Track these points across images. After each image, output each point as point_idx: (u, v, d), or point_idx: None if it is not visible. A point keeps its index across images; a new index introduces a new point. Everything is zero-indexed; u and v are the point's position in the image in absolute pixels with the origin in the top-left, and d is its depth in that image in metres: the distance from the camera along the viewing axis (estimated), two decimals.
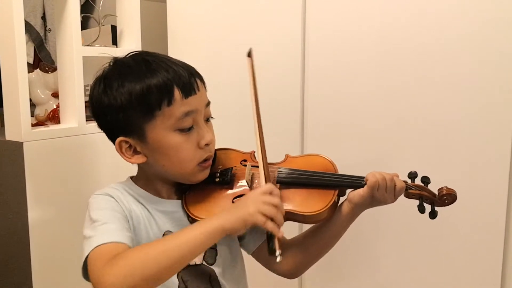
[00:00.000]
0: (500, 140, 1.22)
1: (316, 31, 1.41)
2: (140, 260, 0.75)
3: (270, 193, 0.84)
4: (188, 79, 0.90)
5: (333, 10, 1.38)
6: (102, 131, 0.96)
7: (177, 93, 0.88)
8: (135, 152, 0.92)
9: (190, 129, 0.91)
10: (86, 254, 0.79)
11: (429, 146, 1.29)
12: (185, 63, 0.94)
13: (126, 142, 0.91)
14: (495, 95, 1.22)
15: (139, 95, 0.87)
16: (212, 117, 0.97)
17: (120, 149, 0.92)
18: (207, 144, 0.92)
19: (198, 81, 0.92)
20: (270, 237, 0.83)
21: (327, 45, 1.40)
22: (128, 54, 0.95)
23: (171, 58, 0.94)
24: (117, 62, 0.94)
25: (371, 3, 1.33)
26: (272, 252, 0.82)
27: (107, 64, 0.95)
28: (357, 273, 1.43)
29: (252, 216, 0.80)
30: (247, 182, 0.96)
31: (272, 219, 0.81)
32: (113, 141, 0.93)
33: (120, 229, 0.84)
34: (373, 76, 1.35)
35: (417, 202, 0.96)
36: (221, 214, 0.82)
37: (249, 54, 1.02)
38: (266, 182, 0.89)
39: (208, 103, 0.95)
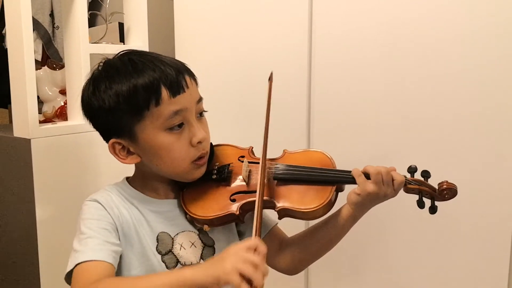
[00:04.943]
0: (507, 137, 1.21)
1: (323, 29, 1.41)
2: None
3: (255, 249, 0.75)
4: (175, 78, 0.88)
5: (340, 9, 1.37)
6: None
7: (164, 93, 0.86)
8: (129, 152, 0.91)
9: (180, 128, 0.89)
10: (71, 268, 0.83)
11: (435, 144, 1.29)
12: (174, 60, 0.92)
13: (119, 143, 0.91)
14: (501, 93, 1.21)
15: (126, 96, 0.86)
16: (205, 111, 0.94)
17: (113, 151, 0.92)
18: (199, 142, 0.91)
19: (188, 78, 0.90)
20: None
21: (334, 43, 1.39)
22: (117, 54, 0.93)
23: (160, 56, 0.92)
24: (105, 63, 0.92)
25: (377, 2, 1.32)
26: None
27: (96, 65, 0.93)
28: (362, 271, 1.43)
29: (226, 275, 0.72)
30: (244, 179, 0.95)
31: (250, 281, 0.71)
32: (108, 142, 0.92)
33: (103, 243, 0.85)
34: (379, 74, 1.34)
35: (417, 197, 0.94)
36: (198, 266, 0.79)
37: (270, 78, 1.03)
38: (256, 235, 0.79)
39: (200, 99, 0.93)
